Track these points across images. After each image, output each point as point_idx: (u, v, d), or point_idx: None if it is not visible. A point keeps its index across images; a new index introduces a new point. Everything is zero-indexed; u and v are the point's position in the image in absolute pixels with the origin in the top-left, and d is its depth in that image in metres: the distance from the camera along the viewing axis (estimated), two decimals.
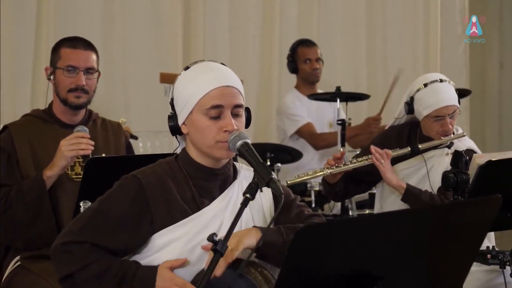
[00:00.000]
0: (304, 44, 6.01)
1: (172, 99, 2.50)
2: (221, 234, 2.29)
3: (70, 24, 6.17)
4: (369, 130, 5.63)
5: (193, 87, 2.43)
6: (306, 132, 5.82)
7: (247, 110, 2.52)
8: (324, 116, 5.88)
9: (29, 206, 3.33)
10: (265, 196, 2.43)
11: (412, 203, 3.78)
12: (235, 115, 2.44)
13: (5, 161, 3.42)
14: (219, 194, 2.49)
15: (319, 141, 5.77)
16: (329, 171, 3.78)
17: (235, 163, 2.59)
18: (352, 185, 3.99)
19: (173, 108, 2.50)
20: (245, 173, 2.56)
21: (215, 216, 2.45)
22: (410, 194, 3.78)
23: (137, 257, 2.48)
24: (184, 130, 2.49)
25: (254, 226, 2.46)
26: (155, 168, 2.49)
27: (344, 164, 3.79)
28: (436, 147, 3.91)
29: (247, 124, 2.52)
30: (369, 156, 3.81)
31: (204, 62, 2.51)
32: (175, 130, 2.51)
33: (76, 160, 3.44)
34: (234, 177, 2.55)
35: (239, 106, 2.45)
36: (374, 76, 7.54)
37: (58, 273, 2.45)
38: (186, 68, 2.51)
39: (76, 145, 3.32)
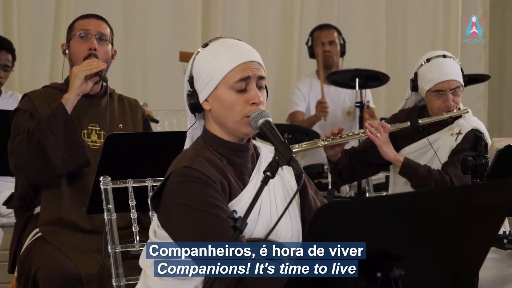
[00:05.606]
0: (319, 27, 6.09)
1: (191, 77, 2.47)
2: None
3: (90, 2, 6.19)
4: (320, 115, 5.82)
5: (218, 63, 2.41)
6: (293, 120, 5.96)
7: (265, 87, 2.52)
8: (340, 103, 5.89)
9: (52, 128, 3.33)
10: (289, 173, 2.45)
11: (410, 176, 3.78)
12: (259, 88, 2.43)
13: (27, 117, 3.45)
14: (252, 169, 2.48)
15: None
16: (324, 143, 3.76)
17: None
18: (358, 164, 3.94)
19: (192, 85, 2.47)
20: (265, 149, 2.55)
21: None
22: (407, 167, 3.77)
23: None
24: (206, 106, 2.45)
25: None
26: (197, 158, 2.40)
27: (340, 137, 3.76)
28: (438, 123, 3.85)
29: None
30: (366, 130, 3.81)
31: (223, 38, 2.50)
32: (196, 107, 2.48)
33: (92, 127, 3.49)
34: (257, 152, 2.54)
35: (263, 78, 2.45)
36: (393, 61, 7.50)
37: None
38: (205, 45, 2.48)
39: (88, 66, 3.42)
